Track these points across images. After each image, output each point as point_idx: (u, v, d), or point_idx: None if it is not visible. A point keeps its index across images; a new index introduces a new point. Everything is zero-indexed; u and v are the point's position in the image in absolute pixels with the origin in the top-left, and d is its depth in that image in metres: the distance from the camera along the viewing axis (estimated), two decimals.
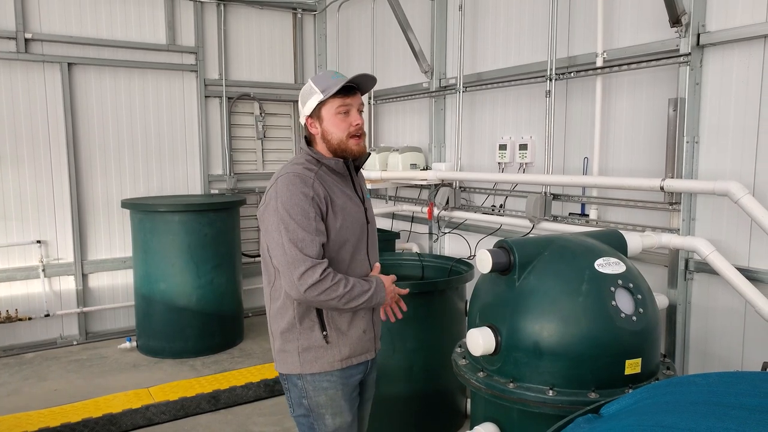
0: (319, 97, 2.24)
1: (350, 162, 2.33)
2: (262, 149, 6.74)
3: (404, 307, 2.47)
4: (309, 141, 2.36)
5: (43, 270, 5.62)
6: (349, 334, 2.30)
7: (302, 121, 2.35)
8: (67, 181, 5.70)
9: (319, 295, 2.11)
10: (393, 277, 2.39)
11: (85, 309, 5.86)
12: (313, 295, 2.11)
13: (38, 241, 5.63)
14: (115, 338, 5.88)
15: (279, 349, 2.33)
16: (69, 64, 5.63)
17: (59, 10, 5.60)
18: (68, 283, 5.81)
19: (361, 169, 2.47)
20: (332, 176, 2.28)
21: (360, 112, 2.31)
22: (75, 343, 5.80)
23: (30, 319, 5.57)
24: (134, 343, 5.65)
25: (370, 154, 2.46)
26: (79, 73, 5.73)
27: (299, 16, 6.81)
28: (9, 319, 5.45)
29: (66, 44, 5.63)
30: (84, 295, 5.86)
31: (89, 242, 5.88)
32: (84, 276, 5.86)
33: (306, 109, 2.29)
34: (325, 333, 2.27)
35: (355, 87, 2.28)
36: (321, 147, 2.31)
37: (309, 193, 2.15)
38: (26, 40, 5.42)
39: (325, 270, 2.12)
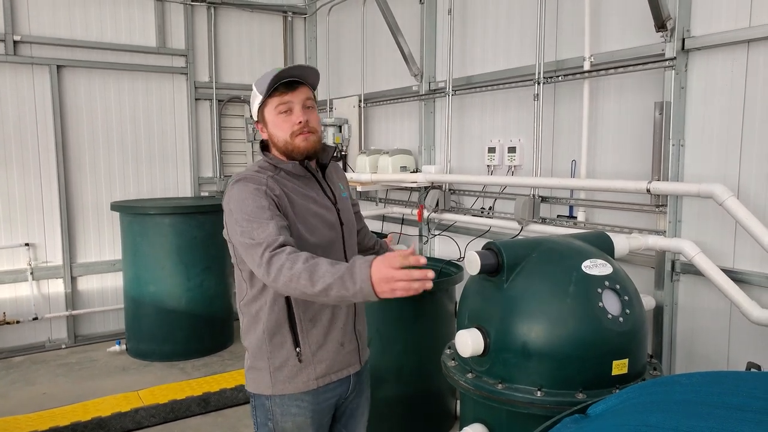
0: (259, 99, 2.05)
1: (307, 163, 2.11)
2: (252, 152, 6.73)
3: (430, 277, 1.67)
4: (265, 146, 2.17)
5: (32, 273, 5.58)
6: (324, 348, 2.10)
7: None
8: (56, 183, 5.67)
9: (281, 274, 1.76)
10: (400, 255, 1.64)
11: (74, 312, 5.82)
12: (277, 277, 1.78)
13: (26, 244, 5.59)
14: (105, 341, 5.84)
15: (250, 366, 2.17)
16: (58, 67, 5.60)
17: (48, 12, 5.57)
18: (57, 286, 5.77)
19: (348, 169, 2.34)
20: (293, 181, 2.08)
21: (307, 108, 2.05)
22: (64, 346, 5.76)
23: (18, 322, 5.53)
24: (124, 346, 5.62)
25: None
26: (68, 75, 5.70)
27: (289, 19, 6.82)
28: None
29: (55, 46, 5.60)
30: (73, 298, 5.83)
31: (78, 245, 5.85)
32: (73, 279, 5.83)
33: (253, 114, 2.13)
34: (298, 350, 2.06)
35: (298, 82, 2.05)
36: (275, 152, 2.11)
37: (261, 188, 1.96)
38: (15, 42, 5.39)
39: (278, 248, 1.81)
